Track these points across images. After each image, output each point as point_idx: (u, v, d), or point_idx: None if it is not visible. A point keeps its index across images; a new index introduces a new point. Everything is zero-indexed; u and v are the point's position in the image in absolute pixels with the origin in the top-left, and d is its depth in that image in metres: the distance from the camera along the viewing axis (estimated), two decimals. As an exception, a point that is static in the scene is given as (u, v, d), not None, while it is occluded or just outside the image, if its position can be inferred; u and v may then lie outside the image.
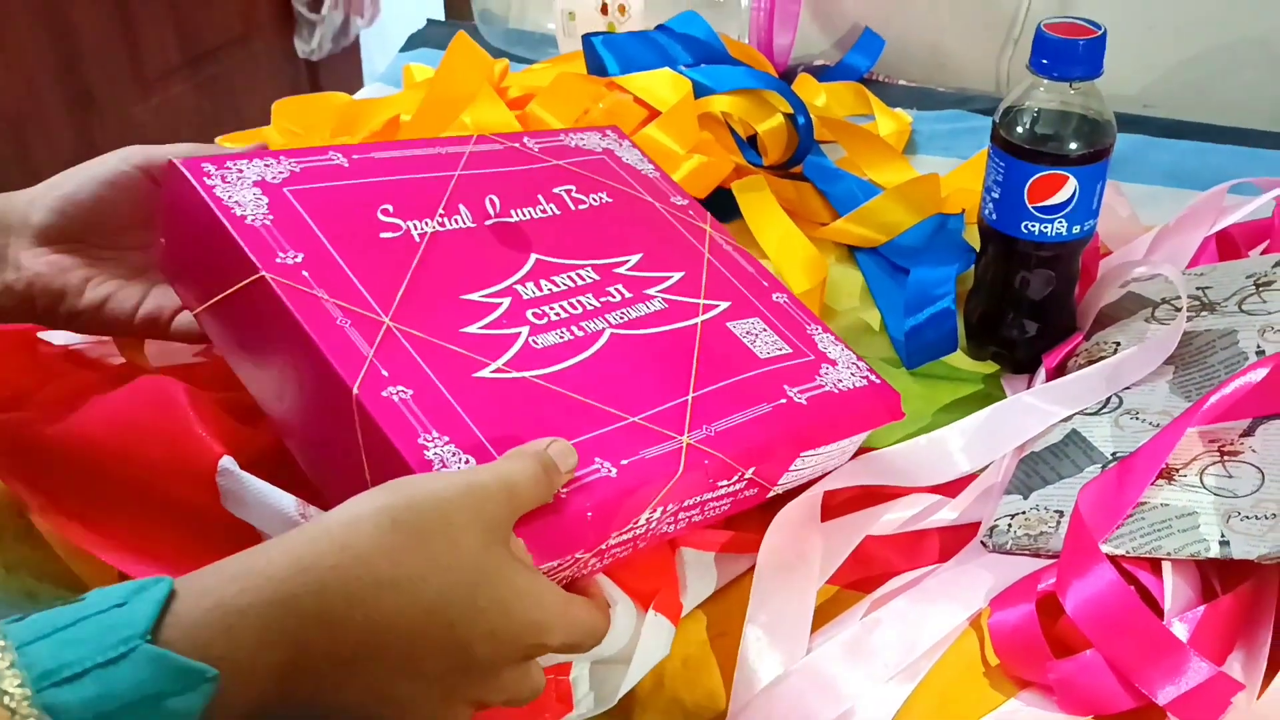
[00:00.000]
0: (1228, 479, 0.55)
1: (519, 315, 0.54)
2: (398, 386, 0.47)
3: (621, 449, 0.50)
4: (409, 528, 0.39)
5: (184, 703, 0.34)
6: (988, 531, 0.58)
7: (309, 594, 0.37)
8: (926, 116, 1.02)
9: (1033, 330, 0.70)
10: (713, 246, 0.66)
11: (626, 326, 0.57)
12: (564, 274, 0.58)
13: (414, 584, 0.38)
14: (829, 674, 0.51)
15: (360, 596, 0.38)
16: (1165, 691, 0.48)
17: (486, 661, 0.40)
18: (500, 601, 0.40)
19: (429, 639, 0.39)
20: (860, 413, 0.59)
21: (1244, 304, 0.65)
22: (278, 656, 0.36)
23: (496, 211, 0.60)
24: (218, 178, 0.53)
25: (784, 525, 0.57)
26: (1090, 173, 0.64)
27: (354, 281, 0.51)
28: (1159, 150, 0.96)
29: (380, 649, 0.38)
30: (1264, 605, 0.52)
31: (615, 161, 0.69)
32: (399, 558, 0.38)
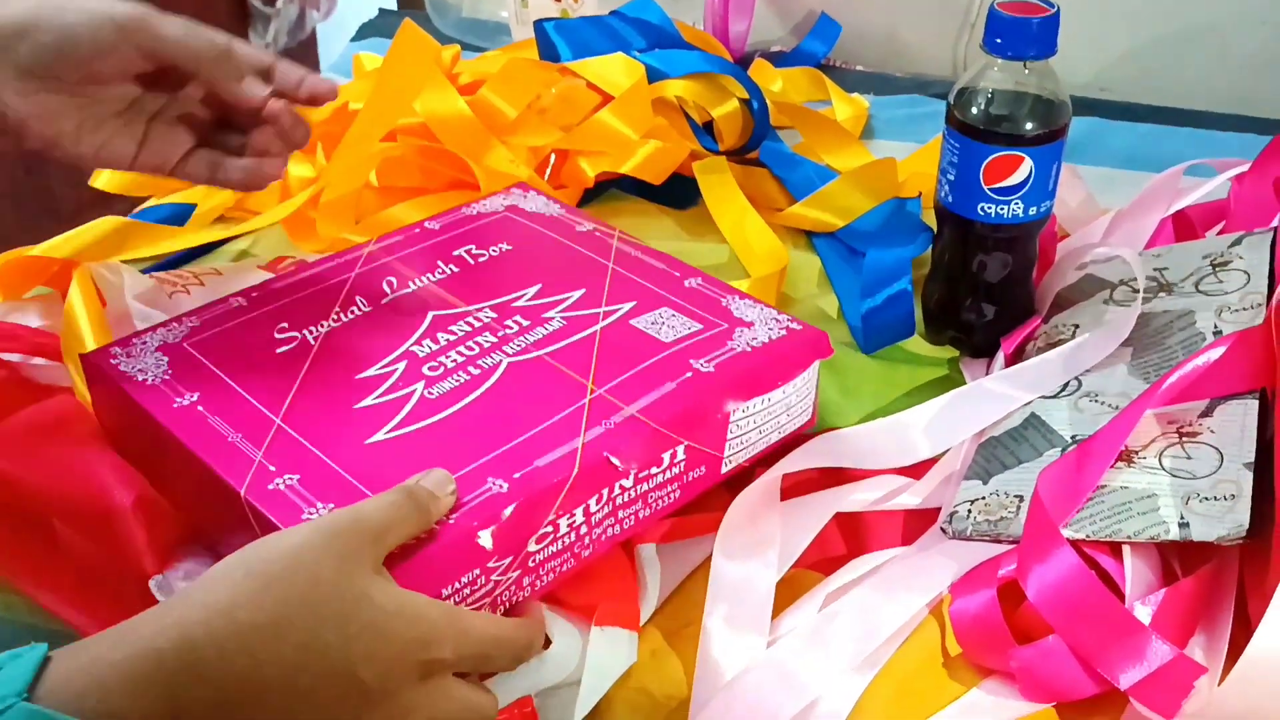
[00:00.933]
0: (1186, 460, 0.54)
1: (414, 374, 0.57)
2: (284, 476, 0.51)
3: (514, 464, 0.51)
4: (262, 574, 0.41)
5: None
6: (947, 518, 0.57)
7: (176, 649, 0.38)
8: (884, 102, 1.01)
9: (990, 314, 0.69)
10: (618, 257, 0.66)
11: (524, 352, 0.58)
12: (460, 321, 0.60)
13: (279, 624, 0.40)
14: (790, 667, 0.50)
15: (228, 646, 0.39)
16: (1127, 676, 0.48)
17: (378, 685, 0.41)
18: (371, 625, 0.41)
19: (310, 673, 0.40)
20: (782, 360, 0.58)
21: (1201, 284, 0.64)
22: (153, 708, 0.37)
23: (394, 289, 0.63)
24: (122, 356, 0.58)
25: (741, 510, 0.57)
26: (1046, 153, 0.63)
27: (248, 400, 0.55)
28: (1115, 133, 0.96)
29: (262, 692, 0.39)
30: (1224, 587, 0.52)
31: (518, 214, 0.71)
32: (257, 603, 0.40)
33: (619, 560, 0.55)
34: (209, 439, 0.53)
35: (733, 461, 0.58)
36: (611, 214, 0.86)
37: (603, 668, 0.51)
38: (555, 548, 0.51)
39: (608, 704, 0.52)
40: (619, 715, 0.52)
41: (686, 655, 0.53)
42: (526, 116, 0.83)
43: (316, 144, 0.84)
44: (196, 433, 0.53)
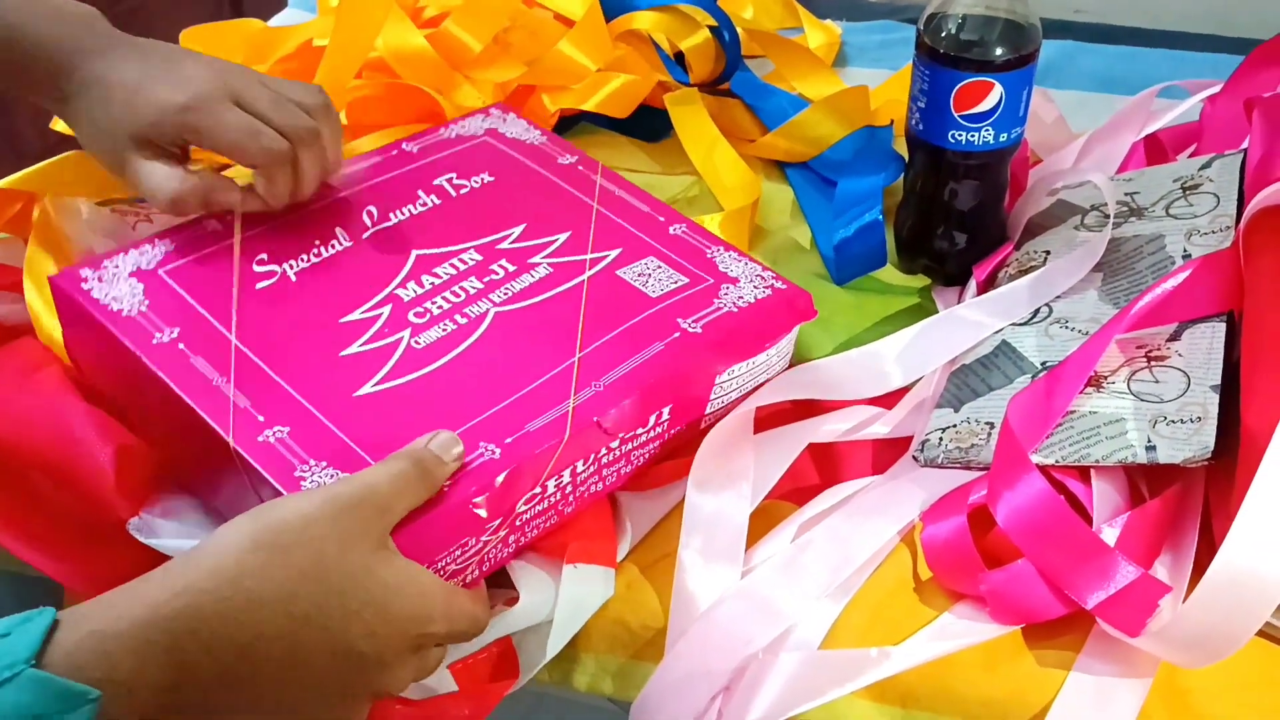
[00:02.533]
0: (1154, 384, 0.55)
1: (400, 320, 0.56)
2: (274, 428, 0.50)
3: (506, 428, 0.50)
4: (270, 546, 0.41)
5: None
6: (919, 446, 0.58)
7: (182, 617, 0.39)
8: (856, 28, 1.00)
9: (962, 242, 0.69)
10: (603, 196, 0.65)
11: (511, 301, 0.57)
12: (445, 263, 0.59)
13: (283, 597, 0.40)
14: (765, 595, 0.51)
15: (233, 616, 0.39)
16: (1094, 597, 0.48)
17: (374, 658, 0.42)
18: (373, 601, 0.42)
19: (309, 647, 0.41)
20: (767, 322, 0.58)
21: (1171, 208, 0.64)
22: (158, 677, 0.38)
23: (374, 221, 0.61)
24: (94, 280, 0.56)
25: (714, 444, 0.57)
26: (1016, 79, 0.63)
27: (231, 340, 0.54)
28: (1088, 55, 0.95)
29: (261, 663, 0.40)
30: (1190, 508, 0.53)
31: (498, 139, 0.69)
32: (265, 574, 0.40)
33: (595, 500, 0.56)
34: (194, 382, 0.52)
35: (712, 417, 0.58)
36: (582, 147, 0.84)
37: (577, 604, 0.51)
38: (541, 507, 0.51)
39: (585, 636, 0.53)
40: (597, 646, 0.53)
41: (662, 587, 0.53)
42: (491, 50, 0.82)
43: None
44: (180, 374, 0.52)
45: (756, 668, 0.49)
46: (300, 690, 0.41)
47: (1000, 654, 0.50)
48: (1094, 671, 0.49)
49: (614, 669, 0.53)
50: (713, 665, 0.49)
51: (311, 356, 0.54)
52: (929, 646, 0.49)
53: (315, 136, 0.58)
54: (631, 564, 0.55)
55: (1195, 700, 0.48)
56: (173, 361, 0.52)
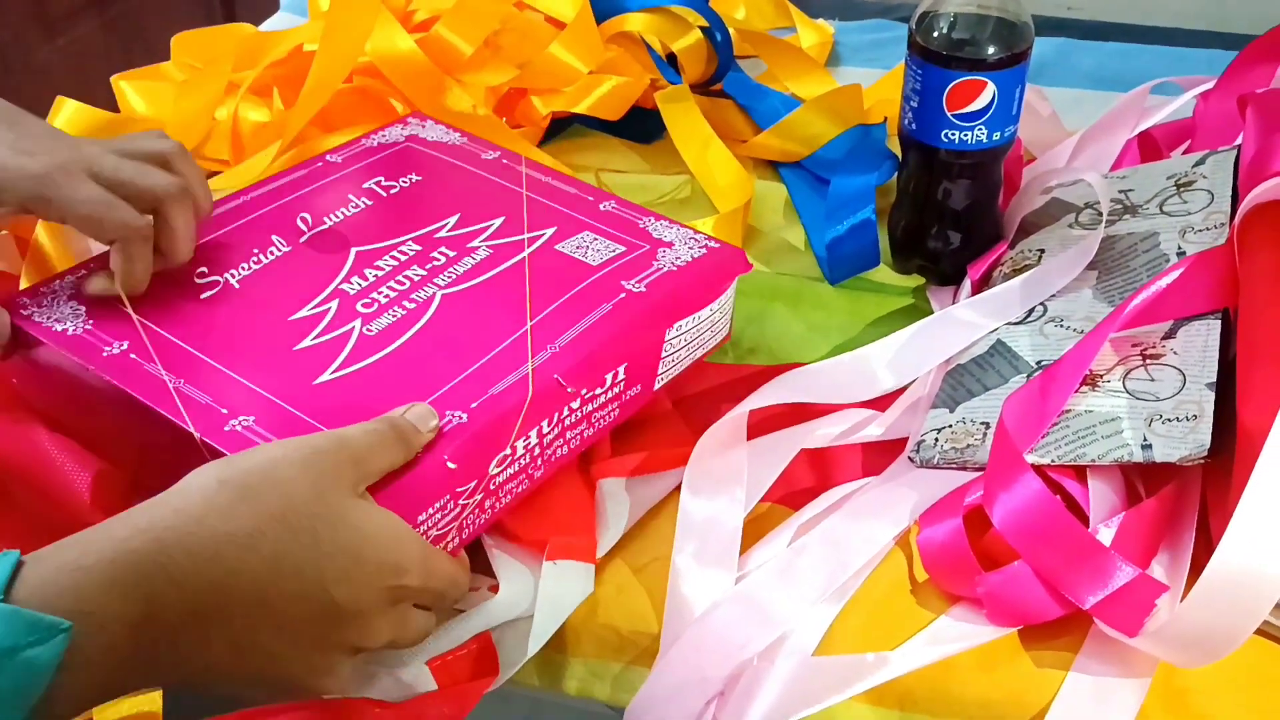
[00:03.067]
0: (1149, 382, 0.54)
1: (349, 312, 0.56)
2: (239, 418, 0.50)
3: (470, 394, 0.51)
4: (236, 485, 0.41)
5: (41, 654, 0.35)
6: (914, 447, 0.58)
7: (149, 551, 0.38)
8: (849, 27, 1.00)
9: (957, 241, 0.69)
10: (530, 184, 0.66)
11: (456, 283, 0.58)
12: (385, 256, 0.60)
13: (250, 536, 0.40)
14: (760, 600, 0.51)
15: (200, 553, 0.39)
16: (1091, 597, 0.48)
17: (350, 605, 0.41)
18: (347, 545, 0.41)
19: (279, 588, 0.40)
20: (707, 277, 0.59)
21: (1165, 205, 0.64)
22: (127, 610, 0.37)
23: (310, 226, 0.62)
24: (33, 306, 0.57)
25: (709, 447, 0.57)
26: (1009, 77, 0.63)
27: (182, 346, 0.54)
28: (1083, 53, 0.95)
29: (230, 603, 0.39)
30: (1186, 507, 0.52)
31: (419, 144, 0.70)
32: (231, 513, 0.40)
33: (577, 494, 0.56)
34: (151, 387, 0.52)
35: (664, 378, 0.59)
36: (575, 149, 0.85)
37: (557, 601, 0.51)
38: (513, 469, 0.52)
39: (576, 640, 0.53)
40: (587, 651, 0.53)
41: (654, 590, 0.53)
42: (482, 53, 0.82)
43: (272, 89, 0.83)
44: (137, 381, 0.52)
45: (752, 674, 0.49)
46: (274, 635, 0.40)
47: (998, 656, 0.50)
48: (1092, 672, 0.49)
49: (606, 674, 0.53)
50: (707, 671, 0.49)
51: (265, 353, 0.54)
52: (926, 651, 0.49)
53: (183, 189, 0.56)
54: (623, 565, 0.54)
55: (1194, 700, 0.48)
56: (127, 371, 0.53)
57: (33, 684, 0.35)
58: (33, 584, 0.36)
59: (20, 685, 0.35)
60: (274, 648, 0.40)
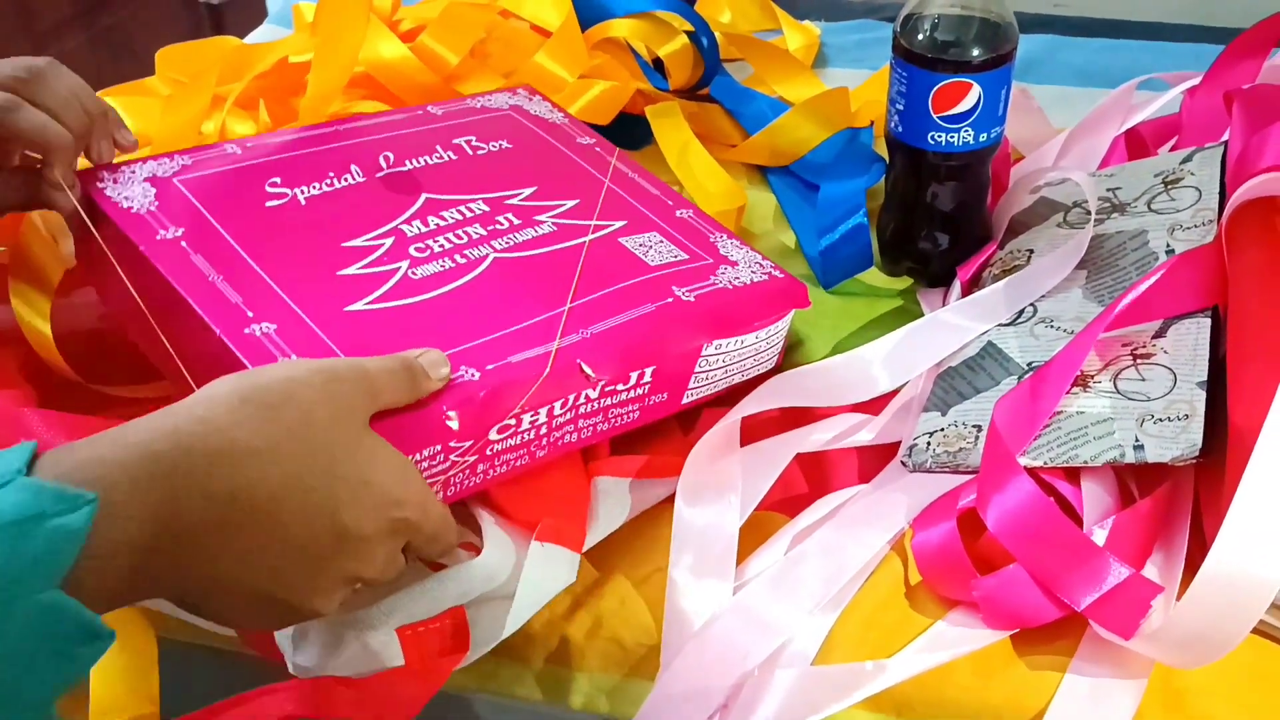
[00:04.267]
0: (1140, 382, 0.54)
1: (400, 251, 0.57)
2: (261, 324, 0.51)
3: (489, 356, 0.51)
4: (259, 402, 0.41)
5: (69, 522, 0.34)
6: (907, 451, 0.58)
7: (173, 452, 0.38)
8: (835, 28, 1.00)
9: (945, 243, 0.69)
10: (615, 175, 0.65)
11: (511, 250, 0.58)
12: (452, 209, 0.60)
13: (271, 452, 0.40)
14: (758, 611, 0.51)
15: (221, 462, 0.39)
16: (1086, 599, 0.48)
17: (355, 530, 0.42)
18: (358, 471, 0.42)
19: (292, 506, 0.40)
20: (760, 303, 0.59)
21: (1153, 203, 0.64)
22: (149, 507, 0.37)
23: (390, 165, 0.62)
24: (109, 180, 0.58)
25: (702, 456, 0.56)
26: (993, 78, 0.62)
27: (231, 244, 0.55)
28: (1069, 50, 0.95)
29: (246, 515, 0.39)
30: (1180, 507, 0.52)
31: (521, 114, 0.70)
32: (254, 428, 0.40)
33: (574, 484, 0.55)
34: (190, 275, 0.53)
35: (694, 394, 0.58)
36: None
37: (539, 584, 0.51)
38: (513, 441, 0.52)
39: (580, 654, 0.53)
40: (591, 665, 0.53)
41: (654, 602, 0.53)
42: (469, 62, 0.81)
43: (259, 100, 0.82)
44: (178, 267, 0.53)
45: (753, 685, 0.49)
46: (281, 553, 0.41)
47: (994, 660, 0.50)
48: (1088, 674, 0.49)
49: (609, 687, 0.53)
50: (709, 683, 0.49)
51: (309, 270, 0.54)
52: (923, 658, 0.49)
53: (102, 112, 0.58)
54: (624, 579, 0.54)
55: (1191, 700, 0.48)
56: (172, 256, 0.53)
57: (63, 552, 0.34)
58: (54, 473, 0.36)
59: (50, 552, 0.34)
60: (278, 564, 0.41)
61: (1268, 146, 0.57)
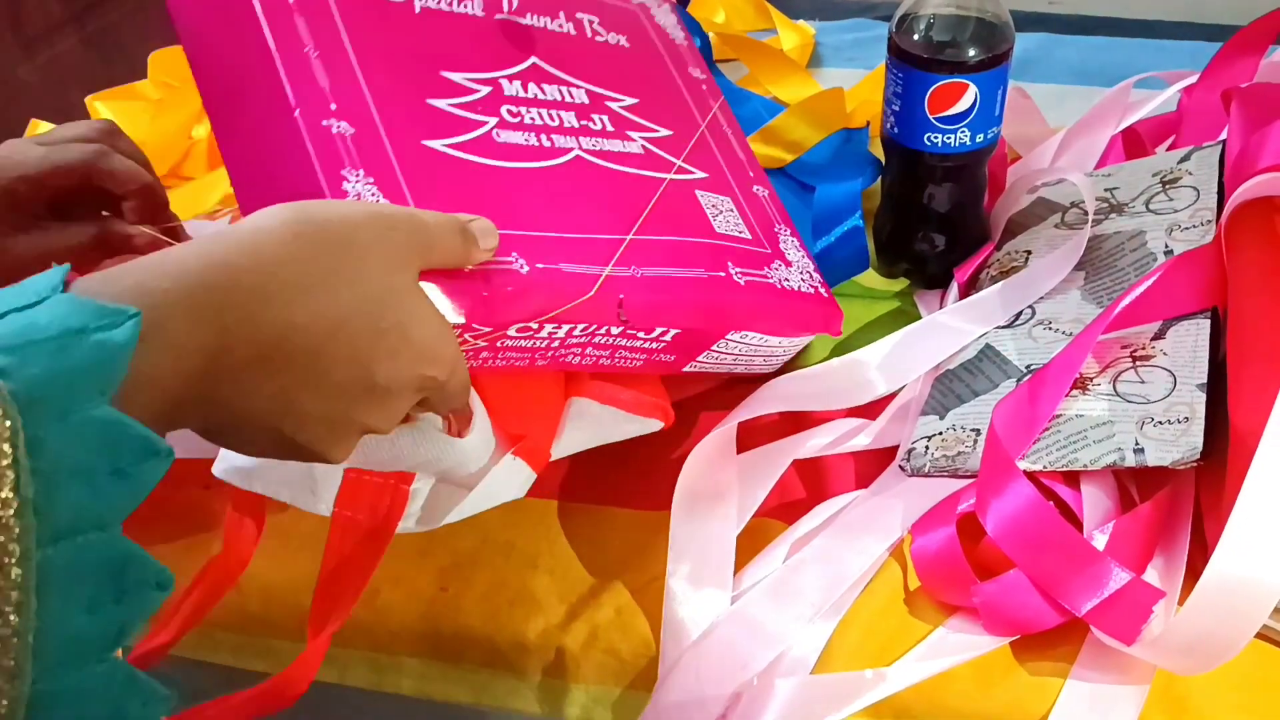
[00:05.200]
0: (1140, 385, 0.54)
1: (493, 106, 0.54)
2: (341, 121, 0.48)
3: (542, 254, 0.50)
4: (313, 240, 0.40)
5: (114, 335, 0.33)
6: (905, 455, 0.57)
7: (225, 286, 0.37)
8: (830, 27, 0.99)
9: (942, 244, 0.68)
10: (712, 124, 0.64)
11: (596, 155, 0.57)
12: (556, 85, 0.58)
13: (323, 293, 0.39)
14: (757, 620, 0.50)
15: (271, 299, 0.38)
16: (1087, 604, 0.48)
17: (384, 384, 0.41)
18: (402, 325, 0.41)
19: (335, 352, 0.40)
20: (796, 315, 0.59)
21: (1151, 203, 0.64)
22: (199, 337, 0.36)
23: (510, 9, 0.60)
24: None
25: (698, 463, 0.56)
26: (990, 79, 0.62)
27: (339, 29, 0.52)
28: (1065, 48, 0.95)
29: (291, 354, 0.39)
30: (1181, 511, 0.52)
31: (647, 18, 0.68)
32: (306, 268, 0.39)
33: (552, 398, 0.55)
34: (290, 42, 0.50)
35: (698, 367, 0.58)
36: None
37: (494, 491, 0.52)
38: (525, 344, 0.50)
39: (576, 667, 0.52)
40: (589, 677, 0.52)
41: (652, 611, 0.52)
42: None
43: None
44: (282, 30, 0.50)
45: (752, 695, 0.48)
46: (314, 396, 0.40)
47: (994, 667, 0.49)
48: (1090, 680, 0.48)
49: (607, 700, 0.52)
50: (708, 693, 0.48)
51: (403, 87, 0.52)
52: (923, 665, 0.49)
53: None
54: (622, 588, 0.54)
55: (1193, 706, 0.47)
56: (280, 18, 0.51)
57: (110, 365, 0.32)
58: (99, 295, 0.34)
59: (97, 364, 0.32)
60: (310, 408, 0.40)
61: (1267, 145, 0.57)
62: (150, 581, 0.32)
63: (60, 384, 0.31)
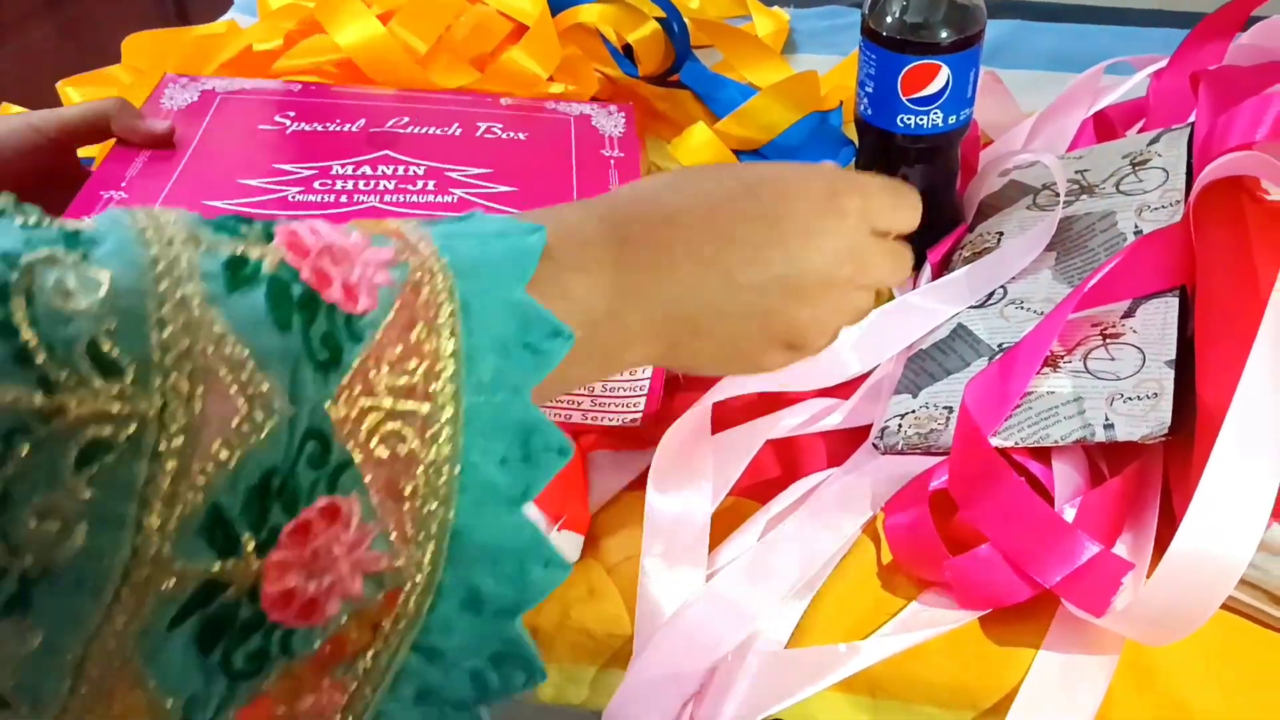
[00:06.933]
0: (1110, 362, 0.54)
1: (309, 181, 0.58)
2: (121, 194, 0.56)
3: None
4: (689, 174, 0.44)
5: (526, 240, 0.36)
6: (879, 433, 0.58)
7: (610, 214, 0.41)
8: (804, 14, 1.00)
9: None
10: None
11: (396, 205, 0.58)
12: (394, 165, 0.61)
13: (691, 181, 0.43)
14: (731, 597, 0.51)
15: (652, 197, 0.42)
16: (1058, 577, 0.48)
17: (789, 219, 0.42)
18: (770, 174, 0.44)
19: (725, 210, 0.42)
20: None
21: (1121, 184, 0.64)
22: (600, 231, 0.40)
23: (392, 127, 0.63)
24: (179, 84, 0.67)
25: (672, 443, 0.56)
26: (962, 60, 0.62)
27: (191, 140, 0.61)
28: (1038, 34, 0.95)
29: (690, 234, 0.41)
30: (1150, 485, 0.53)
31: (582, 124, 0.69)
32: (668, 181, 0.43)
33: (575, 462, 0.56)
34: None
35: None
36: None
37: None
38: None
39: (549, 645, 0.52)
40: (561, 656, 0.52)
41: (626, 591, 0.53)
42: (438, 51, 0.81)
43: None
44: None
45: (726, 670, 0.48)
46: (729, 253, 0.41)
47: (967, 640, 0.50)
48: (1060, 651, 0.49)
49: (581, 678, 0.52)
50: (682, 670, 0.49)
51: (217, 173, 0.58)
52: (897, 639, 0.49)
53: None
54: (596, 565, 0.54)
55: (1161, 676, 0.48)
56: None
57: (524, 261, 0.36)
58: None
59: (513, 258, 0.35)
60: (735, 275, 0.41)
61: (1234, 126, 0.58)
62: (554, 447, 0.34)
63: (485, 268, 0.34)
